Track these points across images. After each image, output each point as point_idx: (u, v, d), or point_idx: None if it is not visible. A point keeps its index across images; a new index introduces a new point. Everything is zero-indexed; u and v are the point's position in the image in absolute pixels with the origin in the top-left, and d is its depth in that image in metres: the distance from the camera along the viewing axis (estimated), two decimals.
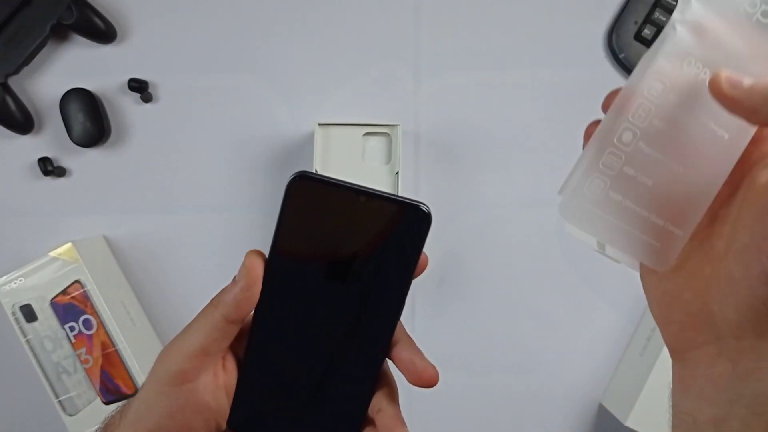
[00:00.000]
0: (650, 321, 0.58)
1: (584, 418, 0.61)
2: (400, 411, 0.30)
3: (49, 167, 0.58)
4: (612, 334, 0.60)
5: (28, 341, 0.54)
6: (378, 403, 0.30)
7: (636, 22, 0.58)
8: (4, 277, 0.53)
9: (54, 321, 0.54)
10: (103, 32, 0.57)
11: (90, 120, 0.57)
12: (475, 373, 0.61)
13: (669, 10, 0.57)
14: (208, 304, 0.30)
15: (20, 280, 0.53)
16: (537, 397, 0.61)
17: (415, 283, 0.63)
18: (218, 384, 0.31)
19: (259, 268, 0.29)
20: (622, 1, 0.59)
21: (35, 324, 0.54)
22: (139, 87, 0.58)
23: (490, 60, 0.59)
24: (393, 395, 0.31)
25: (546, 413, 0.61)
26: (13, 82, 0.57)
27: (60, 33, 0.57)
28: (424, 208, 0.28)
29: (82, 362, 0.54)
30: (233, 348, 0.31)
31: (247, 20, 0.58)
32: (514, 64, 0.59)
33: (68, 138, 0.57)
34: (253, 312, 0.30)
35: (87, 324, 0.54)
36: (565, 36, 0.59)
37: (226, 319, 0.29)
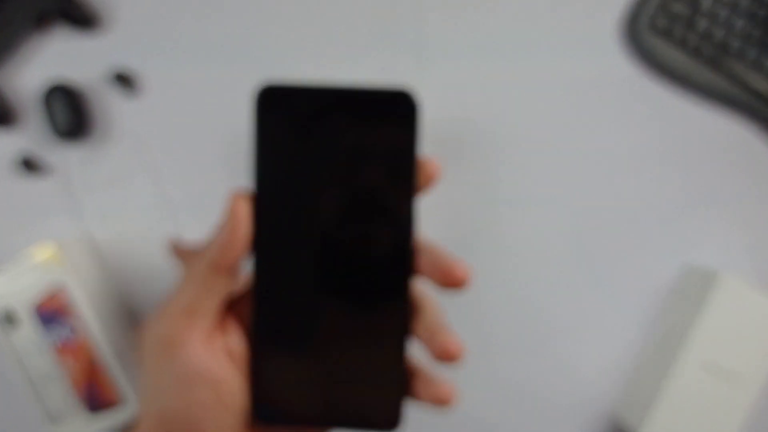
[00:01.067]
0: (664, 327, 0.56)
1: (596, 428, 0.59)
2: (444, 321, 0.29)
3: (31, 164, 0.55)
4: (625, 340, 0.58)
5: (10, 347, 0.52)
6: (420, 326, 0.29)
7: (650, 12, 0.56)
8: None
9: (37, 326, 0.52)
10: (89, 21, 0.55)
11: (74, 114, 0.55)
12: (478, 379, 0.59)
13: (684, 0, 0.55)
14: (194, 262, 0.28)
15: (1, 284, 0.51)
16: (545, 406, 0.59)
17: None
18: (216, 347, 0.28)
19: (244, 209, 0.27)
20: None
21: (17, 329, 0.52)
22: (127, 79, 0.55)
23: (497, 50, 0.57)
24: (432, 312, 0.30)
25: (555, 421, 0.59)
26: None
27: (43, 22, 0.55)
28: (407, 93, 0.24)
29: (65, 370, 0.52)
30: (237, 312, 0.29)
31: (241, 7, 0.56)
32: (522, 54, 0.57)
33: (51, 132, 0.55)
34: (252, 274, 0.27)
35: (71, 331, 0.52)
36: (576, 27, 0.57)
37: (211, 267, 0.27)
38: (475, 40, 0.57)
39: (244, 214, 0.27)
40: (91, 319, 0.52)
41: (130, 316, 0.58)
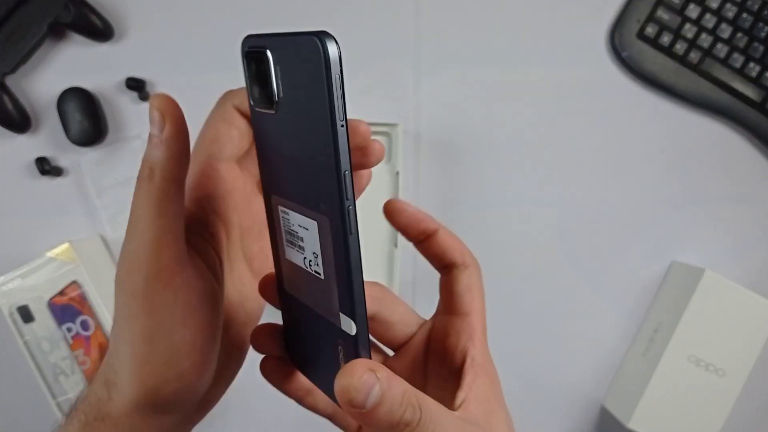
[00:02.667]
0: (652, 322, 0.58)
1: (586, 420, 0.61)
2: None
3: (46, 167, 0.57)
4: (614, 335, 0.60)
5: (25, 342, 0.54)
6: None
7: (639, 20, 0.57)
8: (1, 278, 0.53)
9: (51, 322, 0.53)
10: (101, 30, 0.56)
11: (87, 119, 0.56)
12: None
13: (672, 8, 0.57)
14: (140, 182, 0.25)
15: (17, 281, 0.53)
16: (538, 397, 0.61)
17: (416, 281, 0.63)
18: (196, 265, 0.26)
19: (178, 109, 0.25)
20: None
21: (32, 325, 0.53)
22: (137, 85, 0.57)
23: (492, 58, 0.59)
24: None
25: (547, 414, 0.61)
26: (11, 81, 0.57)
27: (57, 31, 0.57)
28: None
29: (79, 363, 0.54)
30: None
31: (246, 17, 0.58)
32: (516, 63, 0.59)
33: (65, 137, 0.57)
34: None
35: (85, 325, 0.54)
36: (566, 34, 0.59)
37: (171, 180, 0.24)
38: (469, 50, 0.59)
39: (174, 107, 0.25)
40: (102, 313, 0.53)
41: None
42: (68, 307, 0.53)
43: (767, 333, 0.54)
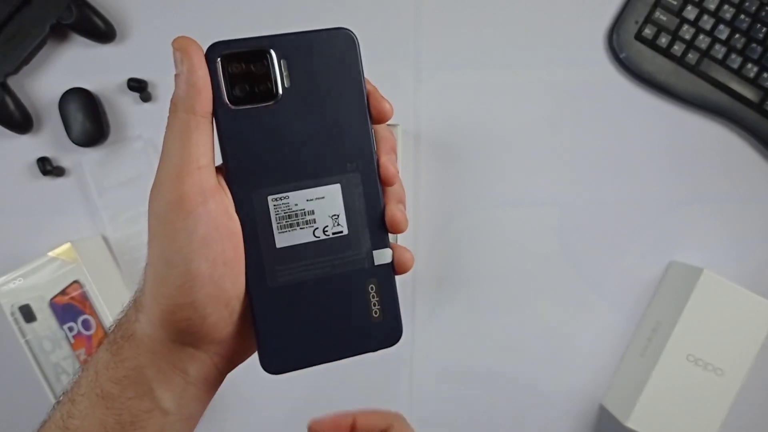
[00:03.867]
0: (651, 321, 0.58)
1: (585, 419, 0.61)
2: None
3: (48, 167, 0.57)
4: (613, 334, 0.60)
5: (27, 342, 0.54)
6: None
7: (637, 22, 0.58)
8: (3, 278, 0.53)
9: (53, 321, 0.54)
10: (103, 32, 0.57)
11: (89, 120, 0.57)
12: (474, 373, 0.61)
13: (670, 10, 0.57)
14: (168, 117, 0.27)
15: (19, 281, 0.53)
16: (537, 397, 0.61)
17: (416, 282, 0.63)
18: (220, 198, 0.28)
19: (195, 46, 0.27)
20: (623, 1, 0.58)
21: (34, 324, 0.54)
22: (139, 86, 0.57)
23: (491, 59, 0.59)
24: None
25: (546, 414, 0.61)
26: (13, 82, 0.57)
27: (59, 32, 0.57)
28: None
29: (81, 363, 0.54)
30: None
31: (245, 20, 0.58)
32: (515, 64, 0.59)
33: (67, 137, 0.57)
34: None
35: (86, 324, 0.54)
36: (565, 35, 0.59)
37: (189, 112, 0.27)
38: (469, 51, 0.59)
39: (196, 49, 0.27)
40: (104, 312, 0.54)
41: None
42: (70, 307, 0.54)
43: (765, 332, 0.54)
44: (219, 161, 0.29)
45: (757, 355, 0.54)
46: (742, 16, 0.57)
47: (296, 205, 0.29)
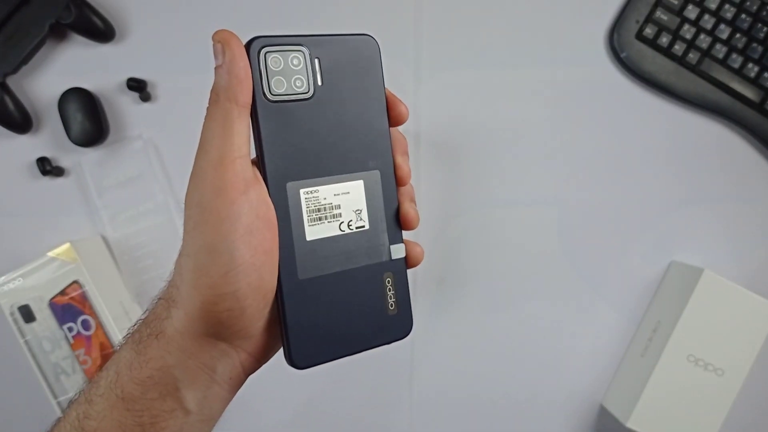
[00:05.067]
0: (651, 321, 0.58)
1: (585, 420, 0.61)
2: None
3: (47, 167, 0.57)
4: (613, 335, 0.60)
5: (26, 342, 0.54)
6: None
7: (637, 21, 0.58)
8: (3, 278, 0.53)
9: (52, 321, 0.54)
10: (102, 31, 0.57)
11: (89, 119, 0.56)
12: (475, 373, 0.61)
13: (671, 9, 0.57)
14: (209, 107, 0.28)
15: (18, 281, 0.53)
16: (537, 397, 0.61)
17: (416, 282, 0.63)
18: (259, 188, 0.28)
19: (235, 38, 0.28)
20: (624, 0, 0.58)
21: (33, 324, 0.54)
22: (138, 86, 0.57)
23: (491, 59, 0.59)
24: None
25: (547, 414, 0.61)
26: (12, 82, 0.57)
27: (58, 32, 0.57)
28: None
29: (80, 363, 0.54)
30: None
31: (245, 19, 0.58)
32: (515, 64, 0.59)
33: (67, 137, 0.57)
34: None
35: (85, 324, 0.54)
36: (566, 35, 0.59)
37: (231, 101, 0.27)
38: (469, 51, 0.59)
39: (237, 42, 0.27)
40: (103, 312, 0.54)
41: (140, 310, 0.59)
42: (69, 307, 0.54)
43: (766, 332, 0.54)
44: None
45: (758, 355, 0.54)
46: (743, 16, 0.57)
47: (325, 198, 0.30)
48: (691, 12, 0.57)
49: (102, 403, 0.27)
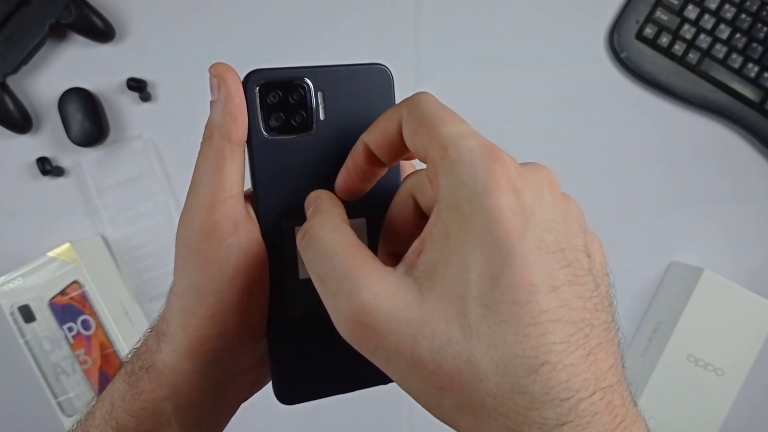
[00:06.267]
0: (651, 321, 0.58)
1: None
2: None
3: (47, 167, 0.57)
4: None
5: (26, 342, 0.54)
6: None
7: (637, 21, 0.58)
8: (2, 278, 0.53)
9: (52, 321, 0.54)
10: (102, 31, 0.57)
11: (89, 119, 0.56)
12: None
13: (671, 9, 0.57)
14: (202, 144, 0.27)
15: (18, 281, 0.53)
16: None
17: None
18: (250, 228, 0.27)
19: (232, 72, 0.27)
20: (624, 0, 0.58)
21: (33, 324, 0.54)
22: (138, 86, 0.57)
23: (491, 59, 0.59)
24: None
25: None
26: (12, 82, 0.57)
27: (58, 32, 0.57)
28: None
29: (80, 363, 0.54)
30: None
31: (246, 19, 0.58)
32: (515, 64, 0.59)
33: (67, 137, 0.57)
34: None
35: (85, 324, 0.54)
36: (566, 35, 0.59)
37: (224, 139, 0.26)
38: (469, 51, 0.59)
39: (234, 77, 0.27)
40: (103, 312, 0.54)
41: (141, 311, 0.60)
42: (69, 307, 0.54)
43: (766, 332, 0.54)
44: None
45: (758, 355, 0.54)
46: (743, 16, 0.57)
47: None
48: (691, 12, 0.57)
49: None
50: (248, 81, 0.28)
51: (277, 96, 0.28)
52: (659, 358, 0.54)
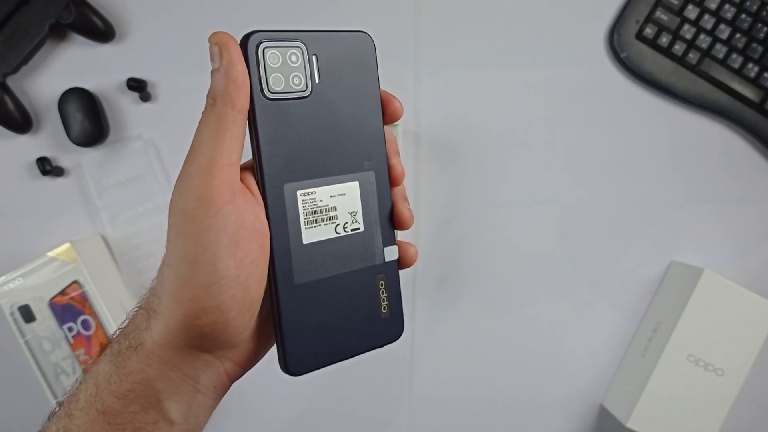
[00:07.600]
0: (651, 321, 0.58)
1: (585, 420, 0.61)
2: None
3: (47, 167, 0.57)
4: (613, 335, 0.60)
5: (26, 342, 0.54)
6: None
7: (637, 21, 0.58)
8: (3, 278, 0.53)
9: (52, 321, 0.54)
10: (102, 31, 0.57)
11: (89, 119, 0.56)
12: (474, 373, 0.61)
13: (671, 9, 0.57)
14: (204, 111, 0.26)
15: (18, 281, 0.53)
16: (538, 398, 0.61)
17: (416, 282, 0.63)
18: (248, 197, 0.27)
19: (233, 41, 0.27)
20: (624, 0, 0.58)
21: (33, 324, 0.54)
22: (138, 86, 0.57)
23: (491, 59, 0.59)
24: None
25: (547, 414, 0.61)
26: (12, 82, 0.57)
27: (58, 32, 0.57)
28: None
29: (80, 363, 0.54)
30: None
31: (246, 20, 0.58)
32: (515, 64, 0.59)
33: (66, 137, 0.57)
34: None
35: (85, 324, 0.54)
36: (566, 35, 0.59)
37: (231, 106, 0.26)
38: (469, 51, 0.59)
39: (234, 45, 0.26)
40: (103, 312, 0.54)
41: None
42: (69, 307, 0.54)
43: (766, 332, 0.54)
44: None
45: (758, 355, 0.54)
46: (743, 16, 0.57)
47: (321, 200, 0.29)
48: (691, 12, 0.57)
49: (82, 417, 0.27)
50: (248, 41, 0.28)
51: (276, 57, 0.28)
52: (659, 358, 0.54)
